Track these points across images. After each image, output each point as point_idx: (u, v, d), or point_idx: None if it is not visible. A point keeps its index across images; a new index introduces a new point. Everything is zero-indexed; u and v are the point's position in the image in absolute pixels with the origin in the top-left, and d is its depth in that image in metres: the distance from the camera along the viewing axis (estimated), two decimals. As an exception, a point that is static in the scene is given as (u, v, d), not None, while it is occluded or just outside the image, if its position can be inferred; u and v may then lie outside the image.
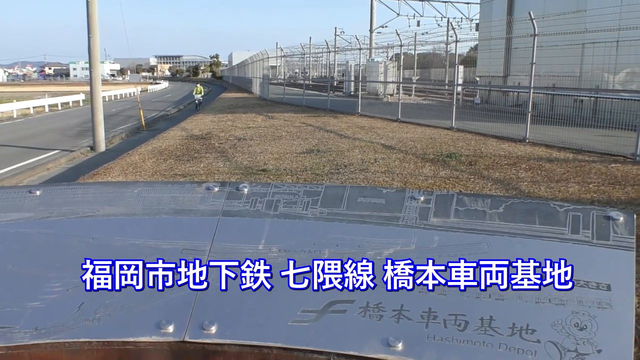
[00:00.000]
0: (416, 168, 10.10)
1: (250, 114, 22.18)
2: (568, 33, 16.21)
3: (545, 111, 16.55)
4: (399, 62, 23.58)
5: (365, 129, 15.83)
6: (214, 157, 11.91)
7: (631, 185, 8.53)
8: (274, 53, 38.53)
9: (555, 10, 18.75)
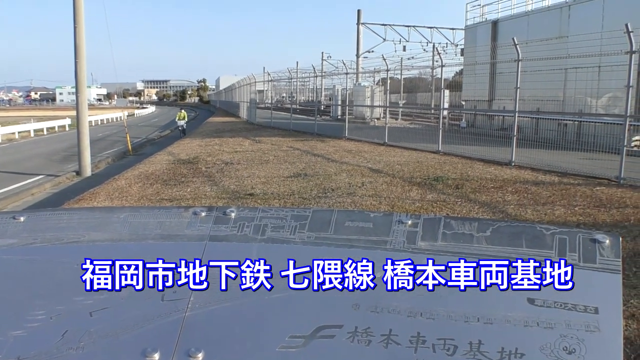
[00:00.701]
0: (403, 192, 10.14)
1: (238, 138, 22.21)
2: (551, 58, 16.50)
3: (530, 135, 16.74)
4: (385, 86, 23.79)
5: (352, 153, 15.90)
6: (201, 181, 11.87)
7: (616, 208, 8.61)
8: (261, 77, 38.78)
9: (538, 36, 19.12)
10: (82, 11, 17.29)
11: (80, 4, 17.17)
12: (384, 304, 1.46)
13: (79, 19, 17.17)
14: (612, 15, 17.18)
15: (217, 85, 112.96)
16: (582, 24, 18.48)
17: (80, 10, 17.21)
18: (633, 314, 4.69)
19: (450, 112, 25.82)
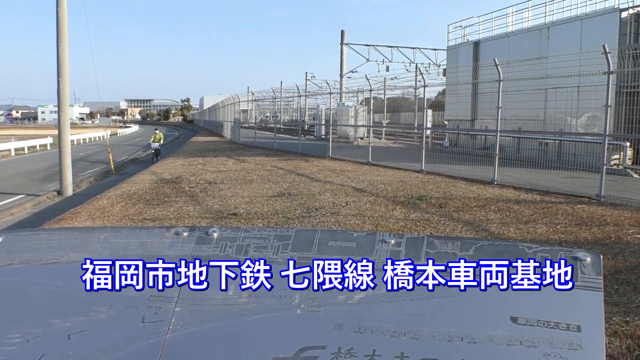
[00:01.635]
0: (387, 211, 10.15)
1: (221, 158, 22.16)
2: (531, 78, 16.75)
3: (512, 154, 16.92)
4: (369, 106, 23.97)
5: (336, 172, 15.92)
6: (184, 201, 11.80)
7: (597, 226, 8.70)
8: (245, 97, 38.85)
9: (519, 56, 19.44)
10: (65, 29, 17.25)
11: (64, 22, 17.14)
12: (368, 324, 1.45)
13: (62, 37, 17.13)
14: (590, 37, 17.53)
15: (201, 105, 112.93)
16: (561, 45, 18.82)
17: (64, 28, 17.17)
18: (616, 331, 4.72)
19: (434, 132, 26.05)
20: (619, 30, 17.02)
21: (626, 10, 17.23)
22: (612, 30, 17.13)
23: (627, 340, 4.56)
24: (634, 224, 8.77)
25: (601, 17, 18.02)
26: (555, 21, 20.45)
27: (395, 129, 34.06)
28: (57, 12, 16.99)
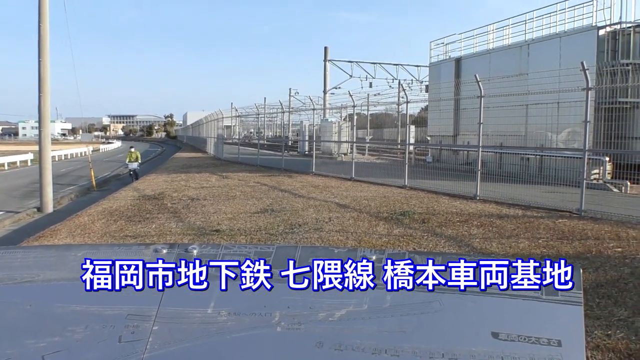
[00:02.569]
0: (370, 226, 10.16)
1: (204, 174, 22.07)
2: (512, 94, 16.96)
3: (494, 169, 17.07)
4: (352, 122, 24.09)
5: (319, 188, 15.92)
6: (167, 217, 11.70)
7: (578, 240, 8.78)
8: (228, 113, 38.85)
9: (500, 73, 19.69)
10: (48, 44, 17.16)
11: (46, 37, 17.06)
12: (349, 341, 1.44)
13: (43, 52, 17.03)
14: (569, 54, 17.84)
15: (185, 121, 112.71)
16: (540, 62, 19.12)
17: (46, 43, 17.08)
18: (598, 345, 4.74)
19: (416, 147, 26.20)
20: (597, 48, 17.34)
21: (603, 28, 17.58)
22: (590, 47, 17.45)
23: (609, 353, 4.59)
24: (614, 238, 8.86)
25: (579, 35, 18.35)
26: (535, 38, 20.78)
27: (378, 145, 34.23)
28: (39, 27, 16.91)
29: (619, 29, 17.44)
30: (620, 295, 5.92)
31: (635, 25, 17.38)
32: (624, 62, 16.97)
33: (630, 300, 5.82)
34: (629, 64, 16.92)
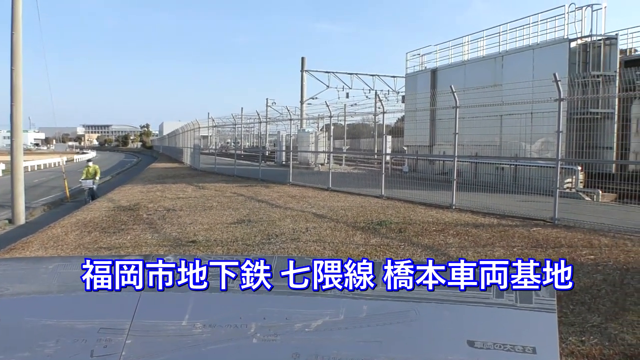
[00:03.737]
0: (347, 236, 10.17)
1: (181, 184, 21.89)
2: (487, 105, 17.18)
3: (469, 178, 17.23)
4: (329, 132, 24.14)
5: (296, 198, 15.90)
6: (142, 228, 11.57)
7: (552, 248, 8.89)
8: (205, 123, 38.65)
9: (475, 84, 19.94)
10: (20, 52, 16.92)
11: (19, 45, 16.81)
12: (325, 352, 1.43)
13: (16, 61, 16.78)
14: (541, 66, 18.16)
15: (161, 131, 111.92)
16: (514, 73, 19.43)
17: (19, 52, 16.84)
18: (572, 351, 4.79)
19: (393, 158, 26.34)
20: (569, 60, 17.69)
21: (575, 40, 17.94)
22: (562, 59, 17.79)
23: (583, 359, 4.64)
24: (586, 246, 9.00)
25: (552, 47, 18.70)
26: (508, 50, 21.11)
27: (355, 155, 34.34)
28: (11, 35, 16.67)
29: (589, 41, 17.83)
30: (593, 302, 6.01)
31: (605, 38, 17.78)
32: (595, 73, 17.33)
33: (603, 306, 5.91)
34: (600, 75, 17.29)
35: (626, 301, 5.99)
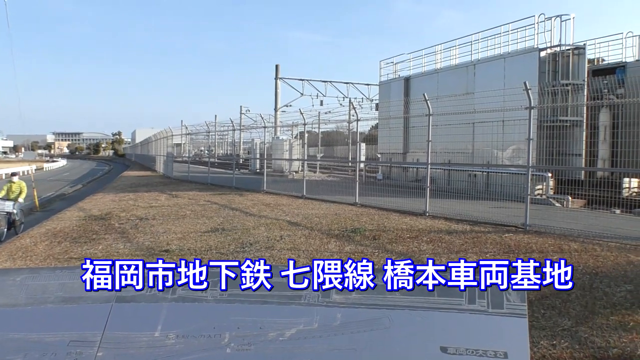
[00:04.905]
0: (322, 244, 10.17)
1: (153, 193, 21.66)
2: (459, 113, 17.40)
3: (443, 185, 17.40)
4: (303, 139, 24.15)
5: (271, 206, 15.86)
6: (114, 238, 11.41)
7: (523, 253, 9.02)
8: (178, 131, 38.37)
9: (447, 92, 20.19)
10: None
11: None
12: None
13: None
14: (512, 74, 18.46)
15: (133, 138, 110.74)
16: (486, 81, 19.72)
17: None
18: (544, 355, 4.86)
19: (367, 165, 26.47)
20: (539, 68, 18.02)
21: (544, 50, 18.29)
22: (532, 68, 18.11)
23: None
24: (557, 251, 9.15)
25: (522, 56, 19.03)
26: (480, 59, 21.42)
27: (329, 163, 34.40)
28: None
29: (558, 51, 18.19)
30: (564, 306, 6.11)
31: (573, 47, 18.17)
32: (564, 82, 17.69)
33: (573, 310, 6.01)
34: (569, 84, 17.65)
35: (595, 305, 6.10)
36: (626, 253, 8.84)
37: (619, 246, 9.48)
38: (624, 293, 6.63)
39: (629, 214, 13.87)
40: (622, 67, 18.06)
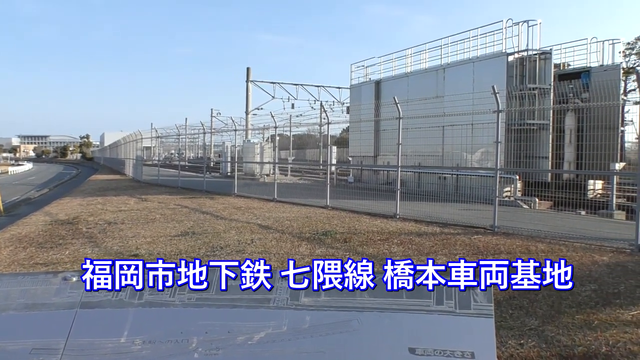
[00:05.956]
0: (293, 247, 10.15)
1: (123, 197, 21.34)
2: (429, 116, 17.58)
3: (413, 188, 17.54)
4: (274, 142, 24.10)
5: (242, 210, 15.77)
6: (82, 243, 11.20)
7: (492, 254, 9.14)
8: (148, 134, 37.95)
9: (418, 95, 20.40)
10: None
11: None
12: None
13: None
14: (481, 78, 18.75)
15: (102, 142, 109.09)
16: (455, 85, 19.99)
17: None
18: (511, 354, 4.93)
19: (338, 168, 26.53)
20: (507, 72, 18.35)
21: (512, 54, 18.62)
22: (500, 72, 18.43)
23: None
24: (524, 252, 9.30)
25: (491, 61, 19.34)
26: (450, 63, 21.69)
27: (301, 166, 34.39)
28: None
29: (526, 55, 18.54)
30: (531, 306, 6.21)
31: (540, 52, 18.54)
32: (531, 86, 18.04)
33: (540, 309, 6.11)
34: (535, 88, 18.00)
35: (561, 304, 6.22)
36: (591, 253, 9.04)
37: (584, 246, 9.69)
38: (589, 292, 6.77)
39: (594, 215, 14.20)
40: (587, 71, 18.51)
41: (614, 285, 7.08)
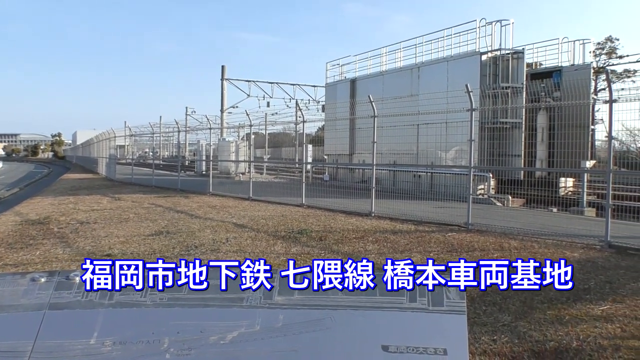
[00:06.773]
0: (268, 246, 10.13)
1: (95, 196, 21.04)
2: (404, 115, 17.69)
3: (388, 186, 17.64)
4: (249, 141, 23.99)
5: (217, 209, 15.68)
6: (53, 243, 11.01)
7: (466, 252, 9.24)
8: (122, 132, 37.45)
9: (393, 94, 20.50)
10: None
11: None
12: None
13: None
14: (455, 77, 18.93)
15: (74, 140, 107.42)
16: (430, 84, 20.14)
17: None
18: (485, 350, 4.99)
19: (314, 166, 26.55)
20: (480, 72, 18.55)
21: (485, 53, 18.84)
22: (474, 71, 18.62)
23: (495, 357, 4.85)
24: (498, 249, 9.43)
25: (464, 60, 19.54)
26: (424, 62, 21.85)
27: (276, 164, 34.32)
28: None
29: (499, 55, 18.77)
30: (504, 302, 6.29)
31: (513, 52, 18.79)
32: (504, 85, 18.27)
33: (512, 306, 6.20)
34: (508, 87, 18.24)
35: (533, 300, 6.31)
36: (562, 250, 9.20)
37: (555, 243, 9.86)
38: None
39: (565, 212, 14.45)
40: (559, 71, 18.82)
41: (585, 281, 7.22)
